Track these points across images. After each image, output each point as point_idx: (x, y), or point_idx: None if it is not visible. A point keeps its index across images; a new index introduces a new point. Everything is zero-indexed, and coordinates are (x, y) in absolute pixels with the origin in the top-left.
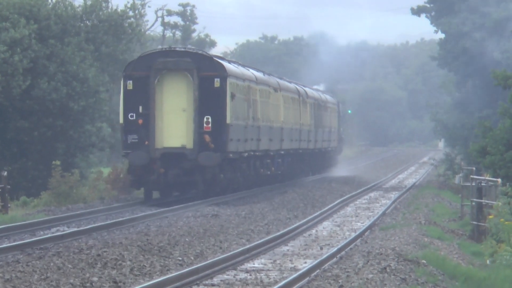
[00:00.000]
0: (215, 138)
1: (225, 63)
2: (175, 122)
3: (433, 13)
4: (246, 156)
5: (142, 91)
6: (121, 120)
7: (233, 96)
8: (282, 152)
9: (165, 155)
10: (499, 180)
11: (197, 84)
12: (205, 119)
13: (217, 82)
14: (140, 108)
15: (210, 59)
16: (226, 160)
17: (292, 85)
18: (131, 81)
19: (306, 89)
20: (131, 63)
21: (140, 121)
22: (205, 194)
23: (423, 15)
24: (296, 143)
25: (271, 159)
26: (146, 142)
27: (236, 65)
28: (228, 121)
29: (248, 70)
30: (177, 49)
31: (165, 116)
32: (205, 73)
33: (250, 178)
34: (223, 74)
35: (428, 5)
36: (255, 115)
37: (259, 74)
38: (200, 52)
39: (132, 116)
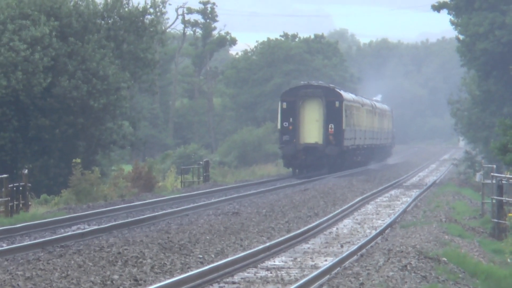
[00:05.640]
0: (336, 137)
1: (341, 92)
2: (311, 128)
3: (453, 12)
4: (350, 149)
5: (292, 109)
6: (278, 126)
7: (345, 112)
8: (365, 146)
9: (305, 148)
10: None
11: (325, 105)
12: (330, 126)
13: (337, 104)
14: (291, 119)
15: (333, 89)
16: (342, 151)
17: (368, 101)
18: (285, 103)
19: (375, 102)
20: (285, 92)
21: (290, 127)
22: (329, 172)
23: (443, 12)
24: (370, 140)
25: (359, 151)
26: (294, 140)
27: (344, 91)
28: (343, 127)
29: (349, 94)
30: (313, 83)
31: (305, 124)
32: (330, 98)
33: (350, 162)
34: (341, 99)
35: (448, 1)
36: (354, 122)
37: (354, 96)
38: (327, 85)
39: (285, 124)
